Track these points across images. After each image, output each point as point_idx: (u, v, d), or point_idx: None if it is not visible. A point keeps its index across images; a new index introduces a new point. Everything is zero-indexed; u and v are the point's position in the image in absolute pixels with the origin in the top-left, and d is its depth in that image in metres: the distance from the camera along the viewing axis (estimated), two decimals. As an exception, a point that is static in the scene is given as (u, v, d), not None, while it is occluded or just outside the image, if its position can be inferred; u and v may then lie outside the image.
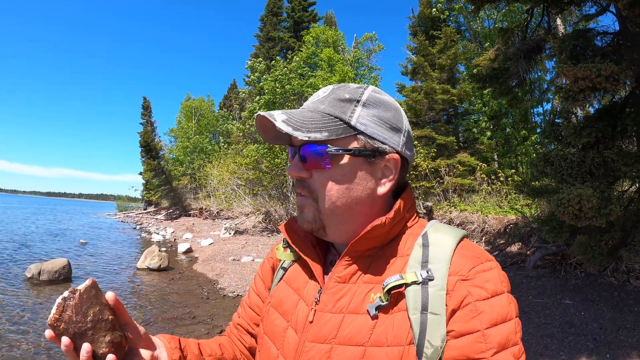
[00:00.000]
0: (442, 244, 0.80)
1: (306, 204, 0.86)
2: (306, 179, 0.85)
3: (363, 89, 0.86)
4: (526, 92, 8.14)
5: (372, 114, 0.83)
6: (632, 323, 4.94)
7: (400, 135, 0.86)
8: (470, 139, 16.17)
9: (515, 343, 0.71)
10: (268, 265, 1.10)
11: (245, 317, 1.10)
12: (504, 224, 9.65)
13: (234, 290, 8.25)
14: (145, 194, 39.13)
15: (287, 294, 0.94)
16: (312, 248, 0.92)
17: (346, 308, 0.80)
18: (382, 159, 0.84)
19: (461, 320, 0.72)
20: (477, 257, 0.78)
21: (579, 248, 5.40)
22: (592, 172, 5.05)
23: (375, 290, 0.80)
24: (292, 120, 0.79)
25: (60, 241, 16.40)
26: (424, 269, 0.77)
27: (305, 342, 0.82)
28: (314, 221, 0.85)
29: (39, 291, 7.88)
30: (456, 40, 15.48)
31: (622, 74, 4.37)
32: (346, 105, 0.82)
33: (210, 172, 26.23)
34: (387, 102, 0.86)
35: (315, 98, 0.87)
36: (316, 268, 0.89)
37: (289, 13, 32.75)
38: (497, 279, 0.75)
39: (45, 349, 5.05)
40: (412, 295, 0.75)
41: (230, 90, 44.13)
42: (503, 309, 0.72)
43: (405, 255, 0.83)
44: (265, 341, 0.93)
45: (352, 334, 0.77)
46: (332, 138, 0.80)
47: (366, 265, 0.84)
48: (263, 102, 15.89)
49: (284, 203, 16.04)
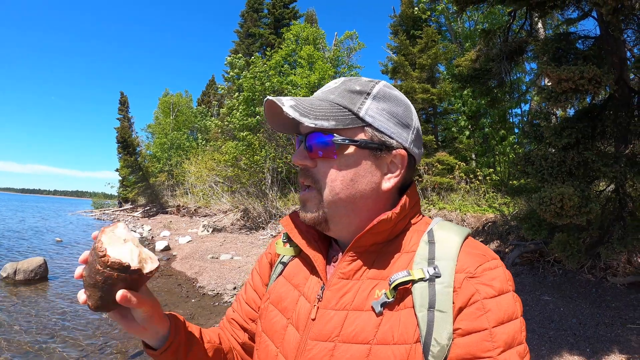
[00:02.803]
0: (449, 242, 0.79)
1: (309, 197, 0.85)
2: (310, 168, 0.84)
3: (375, 82, 0.86)
4: (505, 93, 8.28)
5: (382, 108, 0.83)
6: (611, 318, 5.08)
7: (409, 131, 0.86)
8: (449, 138, 16.35)
9: (520, 342, 0.71)
10: (266, 260, 1.08)
11: (240, 312, 1.08)
12: (482, 222, 9.80)
13: (213, 289, 8.15)
14: (122, 190, 38.43)
15: (287, 290, 0.92)
16: (315, 243, 0.90)
17: (350, 305, 0.79)
18: (389, 154, 0.83)
19: (468, 318, 0.71)
20: (484, 255, 0.78)
21: (558, 245, 5.52)
22: (572, 171, 5.17)
23: (380, 287, 0.78)
24: (300, 107, 0.79)
25: (36, 239, 15.93)
26: (431, 266, 0.76)
27: (307, 340, 0.80)
28: (316, 214, 0.84)
29: (15, 291, 7.64)
30: (437, 40, 15.59)
31: (603, 76, 4.48)
32: (356, 96, 0.82)
33: (188, 169, 25.88)
34: (398, 97, 0.86)
35: (326, 88, 0.87)
36: (319, 263, 0.87)
37: (270, 9, 32.53)
38: (503, 277, 0.75)
39: (21, 350, 4.90)
40: (419, 292, 0.74)
41: (208, 86, 43.63)
42: (509, 308, 0.72)
43: (411, 251, 0.82)
44: (263, 339, 0.91)
45: (357, 331, 0.75)
46: (339, 127, 0.80)
47: (370, 261, 0.83)
48: (242, 98, 15.75)
49: (262, 200, 15.93)
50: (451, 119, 16.88)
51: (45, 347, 5.11)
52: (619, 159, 5.12)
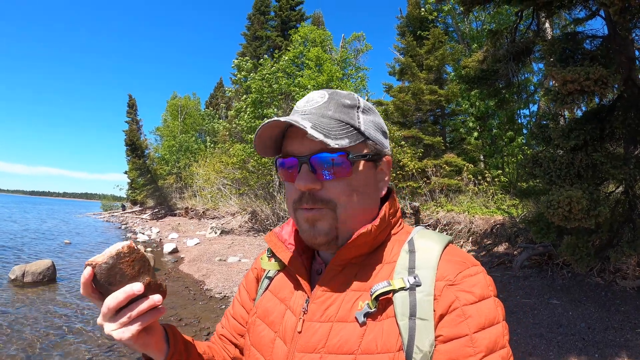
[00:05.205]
0: (429, 250, 0.80)
1: (321, 216, 0.82)
2: (317, 191, 0.82)
3: (354, 95, 0.87)
4: (513, 94, 8.22)
5: (370, 120, 0.86)
6: (620, 323, 5.01)
7: (387, 138, 0.91)
8: (457, 140, 16.28)
9: (503, 346, 0.71)
10: (252, 275, 1.09)
11: (228, 327, 1.09)
12: (491, 225, 9.73)
13: (220, 292, 8.17)
14: (131, 193, 38.71)
15: (274, 305, 0.93)
16: (298, 257, 0.91)
17: (334, 316, 0.80)
18: (381, 162, 0.87)
19: (449, 325, 0.72)
20: (464, 262, 0.79)
21: (567, 249, 5.46)
22: (581, 174, 5.11)
23: (363, 298, 0.79)
24: (319, 127, 0.78)
25: (44, 241, 16.09)
26: (411, 275, 0.77)
27: (294, 352, 0.81)
28: (329, 232, 0.83)
29: (23, 293, 7.71)
30: (444, 41, 15.53)
31: (610, 77, 4.42)
32: (351, 111, 0.83)
33: (196, 171, 26.00)
34: (373, 108, 0.90)
35: (316, 103, 0.84)
36: (303, 277, 0.89)
37: (277, 12, 32.60)
38: (483, 283, 0.76)
39: (29, 351, 4.94)
40: (400, 302, 0.75)
41: (216, 89, 43.87)
42: (490, 313, 0.73)
43: (392, 262, 0.83)
44: (252, 353, 0.92)
45: (342, 342, 0.76)
46: (352, 145, 0.80)
47: (353, 273, 0.84)
48: (250, 101, 15.78)
49: (270, 203, 15.95)
50: (459, 120, 16.79)
51: (52, 348, 5.15)
52: (628, 161, 5.05)
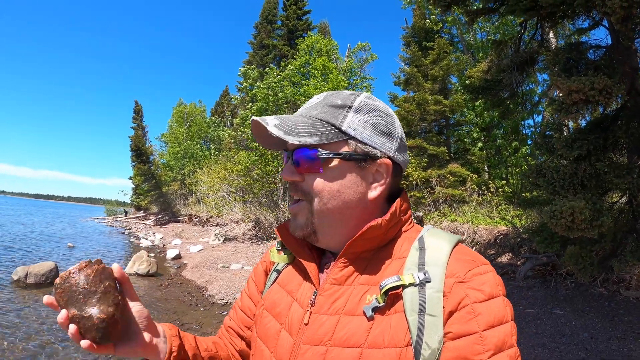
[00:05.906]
0: (438, 248, 0.81)
1: (299, 209, 0.87)
2: (299, 183, 0.87)
3: (356, 95, 0.88)
4: (518, 104, 8.23)
5: (364, 120, 0.85)
6: (623, 333, 4.97)
7: (393, 140, 0.88)
8: (461, 150, 16.24)
9: (511, 345, 0.71)
10: (261, 268, 1.10)
11: (236, 319, 1.10)
12: (495, 235, 9.70)
13: (222, 298, 8.16)
14: (135, 198, 38.79)
15: (281, 297, 0.93)
16: (308, 250, 0.93)
17: (342, 310, 0.80)
18: (374, 163, 0.86)
19: (458, 322, 0.72)
20: (473, 261, 0.79)
21: (570, 259, 5.44)
22: (584, 183, 5.10)
23: (371, 292, 0.80)
24: (283, 125, 0.82)
25: (48, 244, 16.11)
26: (421, 271, 0.77)
27: (300, 344, 0.82)
28: (306, 226, 0.86)
29: (26, 294, 7.72)
30: (449, 51, 15.60)
31: (614, 87, 4.44)
32: (338, 111, 0.85)
33: (201, 178, 26.07)
34: (380, 108, 0.88)
35: (309, 104, 0.90)
36: (312, 269, 0.89)
37: (284, 21, 32.87)
38: (493, 282, 0.76)
39: (31, 352, 4.95)
40: (410, 297, 0.75)
41: (222, 96, 44.12)
42: (500, 312, 0.73)
43: (402, 257, 0.84)
44: (258, 344, 0.92)
45: (348, 335, 0.77)
46: (322, 142, 0.82)
47: (362, 267, 0.84)
48: (255, 109, 15.87)
49: (274, 211, 15.96)
50: (464, 130, 16.77)
51: (55, 350, 5.15)
52: (631, 170, 5.04)
